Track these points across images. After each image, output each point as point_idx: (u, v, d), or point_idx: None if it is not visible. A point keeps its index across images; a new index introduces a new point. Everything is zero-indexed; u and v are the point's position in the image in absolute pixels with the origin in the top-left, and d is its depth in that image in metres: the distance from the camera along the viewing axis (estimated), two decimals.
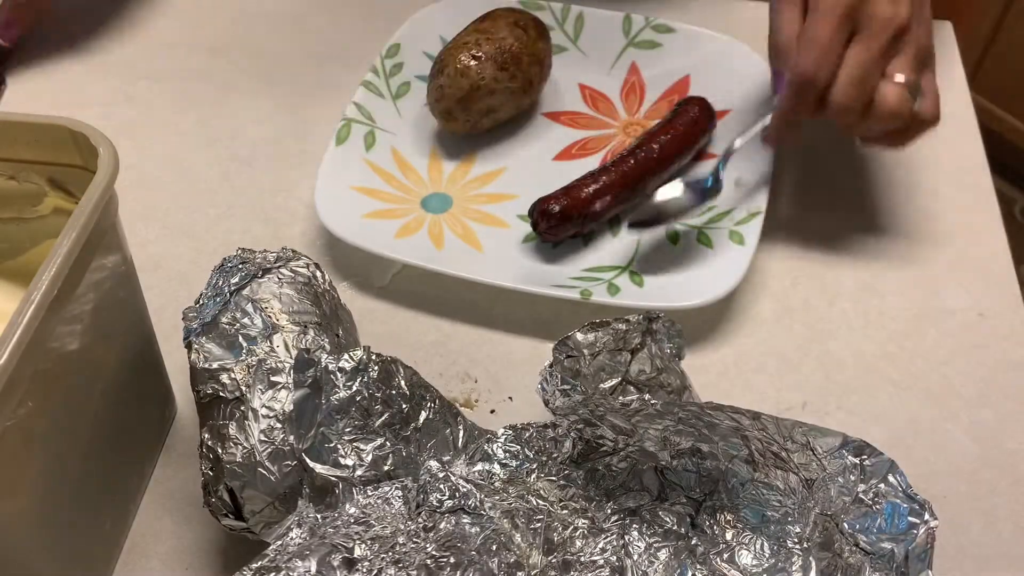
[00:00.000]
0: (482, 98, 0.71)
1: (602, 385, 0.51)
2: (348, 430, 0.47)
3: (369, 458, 0.46)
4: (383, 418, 0.47)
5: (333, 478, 0.46)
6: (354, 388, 0.47)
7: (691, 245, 0.67)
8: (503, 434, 0.50)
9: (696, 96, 0.74)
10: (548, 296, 0.62)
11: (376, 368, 0.48)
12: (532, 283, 0.63)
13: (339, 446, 0.46)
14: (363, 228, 0.66)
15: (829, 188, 0.73)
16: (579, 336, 0.51)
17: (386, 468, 0.47)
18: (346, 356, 0.47)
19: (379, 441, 0.47)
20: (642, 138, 0.71)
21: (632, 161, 0.68)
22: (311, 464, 0.45)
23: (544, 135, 0.76)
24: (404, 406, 0.48)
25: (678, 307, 0.61)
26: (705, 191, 0.66)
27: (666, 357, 0.52)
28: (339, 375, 0.47)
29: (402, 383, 0.49)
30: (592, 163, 0.73)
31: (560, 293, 0.62)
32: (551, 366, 0.50)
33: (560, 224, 0.65)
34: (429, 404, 0.49)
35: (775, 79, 0.67)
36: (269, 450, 0.45)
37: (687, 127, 0.71)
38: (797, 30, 0.62)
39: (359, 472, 0.46)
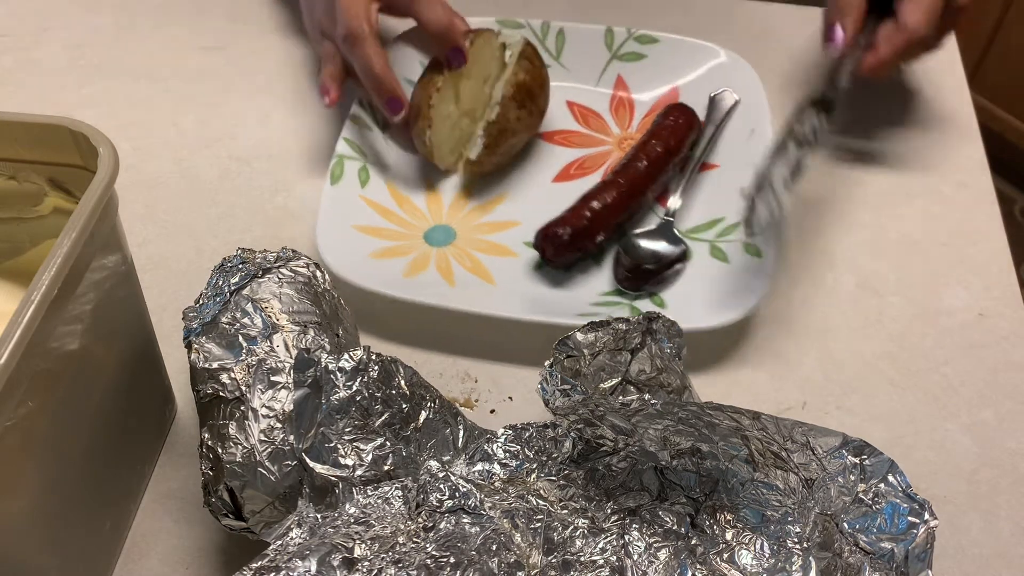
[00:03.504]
0: (508, 139, 0.70)
1: (602, 385, 0.51)
2: (348, 430, 0.47)
3: (369, 458, 0.46)
4: (383, 418, 0.47)
5: (333, 478, 0.46)
6: (354, 388, 0.47)
7: (704, 260, 0.66)
8: (503, 434, 0.50)
9: (676, 104, 0.74)
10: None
11: (376, 368, 0.48)
12: (552, 313, 0.61)
13: (339, 446, 0.46)
14: (371, 269, 0.64)
15: (828, 188, 0.73)
16: (579, 336, 0.51)
17: (386, 468, 0.47)
18: (346, 356, 0.47)
19: (379, 441, 0.47)
20: (631, 152, 0.70)
21: (625, 175, 0.68)
22: (311, 464, 0.45)
23: (539, 157, 0.74)
24: (404, 406, 0.48)
25: (706, 328, 0.59)
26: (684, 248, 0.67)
27: (666, 357, 0.52)
28: (339, 375, 0.47)
29: (402, 383, 0.49)
30: (592, 182, 0.71)
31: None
32: (551, 365, 0.50)
33: (566, 248, 0.64)
34: (429, 404, 0.49)
35: (830, 30, 0.70)
36: (269, 450, 0.45)
37: (671, 133, 0.70)
38: None
39: (359, 472, 0.46)
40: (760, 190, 0.62)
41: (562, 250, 0.65)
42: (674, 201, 0.69)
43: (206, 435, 0.47)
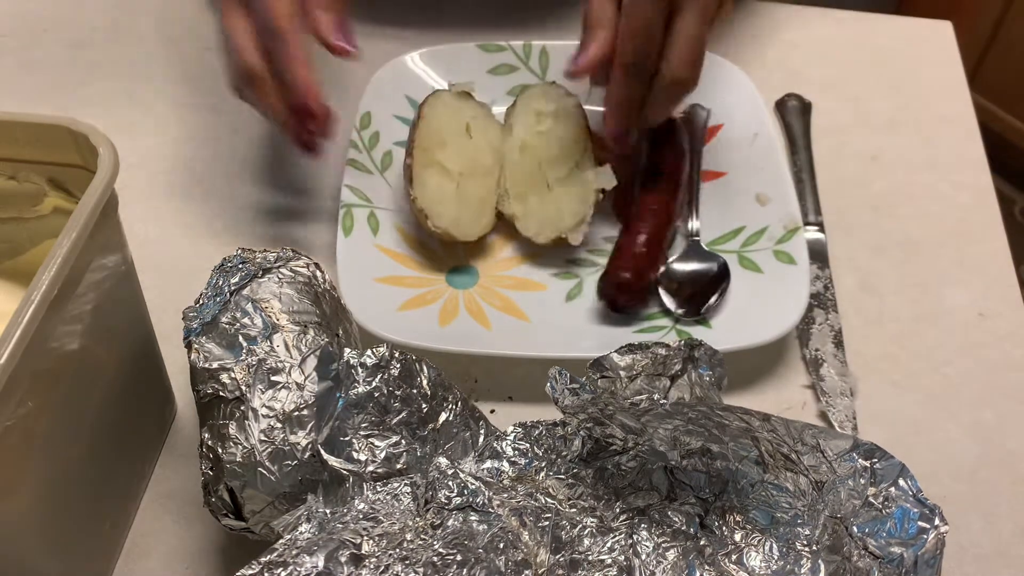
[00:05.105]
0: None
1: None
2: (364, 425, 0.47)
3: (382, 455, 0.46)
4: (401, 416, 0.48)
5: (344, 472, 0.46)
6: (373, 384, 0.47)
7: (735, 272, 0.65)
8: (512, 432, 0.50)
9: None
10: None
11: (398, 366, 0.48)
12: (600, 348, 0.54)
13: (353, 440, 0.46)
14: (405, 322, 0.61)
15: (827, 189, 0.73)
16: (615, 358, 0.50)
17: (398, 467, 0.47)
18: (369, 352, 0.48)
19: (394, 439, 0.47)
20: (643, 175, 0.68)
21: (654, 200, 0.66)
22: (325, 456, 0.46)
23: None
24: (424, 406, 0.48)
25: (756, 344, 0.59)
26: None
27: (705, 385, 0.51)
28: (360, 370, 0.47)
29: (424, 383, 0.49)
30: (605, 202, 0.70)
31: None
32: (583, 379, 0.49)
33: (639, 292, 0.62)
34: (451, 406, 0.49)
35: (579, 51, 0.63)
36: (269, 450, 0.45)
37: (671, 147, 0.69)
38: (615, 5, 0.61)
39: (371, 468, 0.46)
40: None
41: (636, 295, 0.62)
42: (693, 222, 0.68)
43: (206, 435, 0.47)
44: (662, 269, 0.65)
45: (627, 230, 0.65)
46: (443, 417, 0.49)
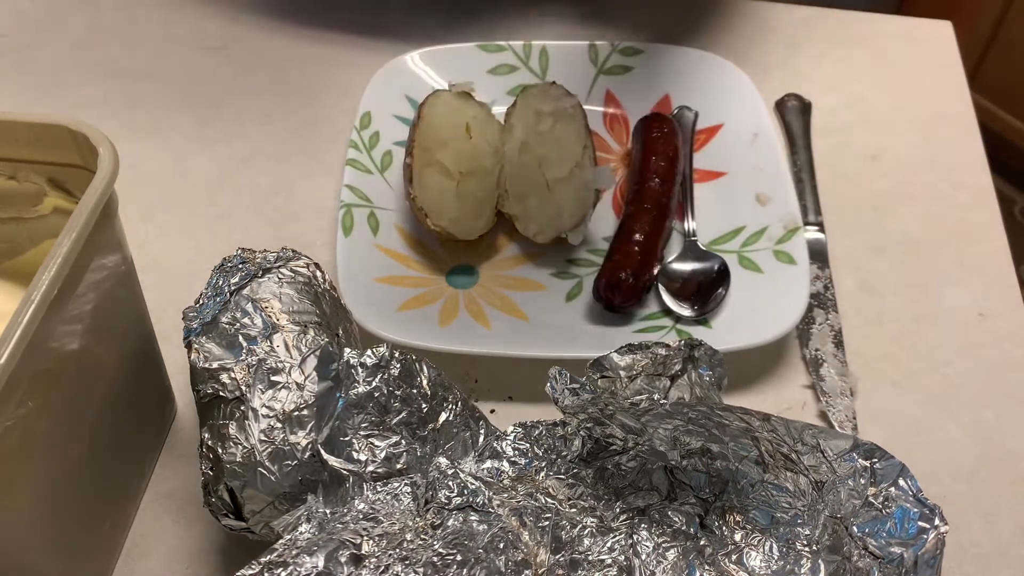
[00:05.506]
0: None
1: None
2: (364, 425, 0.47)
3: (382, 455, 0.46)
4: (401, 416, 0.48)
5: (344, 471, 0.46)
6: (373, 384, 0.47)
7: (735, 272, 0.65)
8: (512, 432, 0.50)
9: (653, 114, 0.72)
10: None
11: (398, 366, 0.48)
12: (600, 348, 0.54)
13: (353, 440, 0.46)
14: (406, 322, 0.61)
15: (827, 189, 0.73)
16: (615, 358, 0.50)
17: (398, 467, 0.47)
18: (369, 352, 0.48)
19: (394, 439, 0.47)
20: (637, 174, 0.68)
21: (648, 199, 0.66)
22: (325, 456, 0.46)
23: None
24: (424, 406, 0.48)
25: (756, 344, 0.59)
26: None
27: (705, 385, 0.51)
28: (360, 370, 0.47)
29: (424, 383, 0.49)
30: (604, 201, 0.70)
31: None
32: (583, 379, 0.49)
33: (633, 291, 0.62)
34: (451, 406, 0.49)
35: None
36: (269, 450, 0.45)
37: (665, 145, 0.69)
38: None
39: (371, 468, 0.46)
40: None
41: (630, 294, 0.62)
42: (689, 222, 0.68)
43: (206, 435, 0.47)
44: (660, 269, 0.65)
45: (622, 230, 0.65)
46: (443, 417, 0.49)
